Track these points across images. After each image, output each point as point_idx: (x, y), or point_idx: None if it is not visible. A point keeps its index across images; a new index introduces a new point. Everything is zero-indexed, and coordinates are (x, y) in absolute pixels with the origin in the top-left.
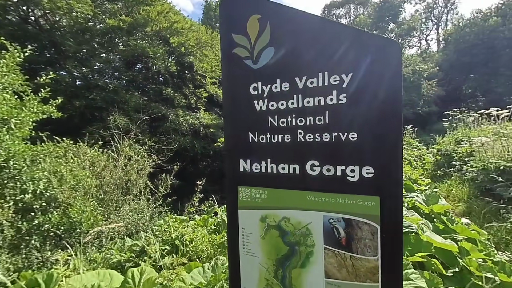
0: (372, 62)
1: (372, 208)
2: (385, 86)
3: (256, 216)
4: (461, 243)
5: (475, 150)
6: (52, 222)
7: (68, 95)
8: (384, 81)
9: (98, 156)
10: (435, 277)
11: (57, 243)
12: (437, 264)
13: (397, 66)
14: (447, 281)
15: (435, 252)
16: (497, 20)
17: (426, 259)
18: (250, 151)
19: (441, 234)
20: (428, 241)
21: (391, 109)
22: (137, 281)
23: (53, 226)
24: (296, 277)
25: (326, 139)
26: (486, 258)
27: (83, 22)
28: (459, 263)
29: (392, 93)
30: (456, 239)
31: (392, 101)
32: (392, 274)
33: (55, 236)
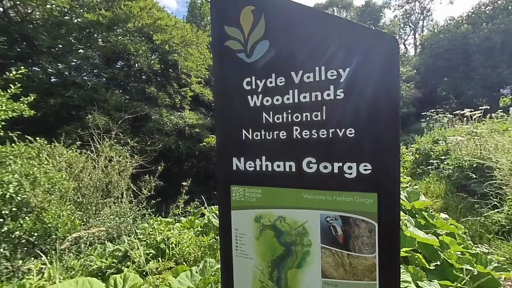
0: (370, 56)
1: (369, 205)
2: (383, 81)
3: (250, 216)
4: (442, 237)
5: (450, 148)
6: (24, 229)
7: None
8: (381, 75)
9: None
10: (419, 271)
11: (29, 251)
12: (421, 258)
13: (394, 60)
14: (430, 274)
15: (418, 247)
16: (468, 28)
17: (410, 254)
18: (243, 148)
19: (422, 229)
20: (411, 236)
21: (388, 104)
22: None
23: (25, 233)
24: (292, 278)
25: (323, 135)
26: (464, 251)
27: (58, 16)
28: (440, 257)
29: (389, 88)
30: (437, 233)
31: (389, 96)
32: (389, 271)
33: (27, 243)
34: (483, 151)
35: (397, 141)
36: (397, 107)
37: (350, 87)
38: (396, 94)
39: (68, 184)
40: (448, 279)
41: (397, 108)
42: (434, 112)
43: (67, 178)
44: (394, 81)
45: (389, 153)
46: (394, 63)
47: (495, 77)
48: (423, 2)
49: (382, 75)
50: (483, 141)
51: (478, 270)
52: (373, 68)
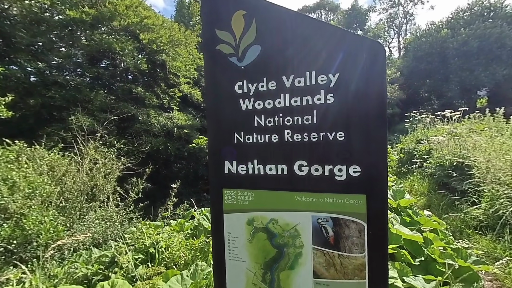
0: (358, 62)
1: (359, 207)
2: (371, 86)
3: (243, 219)
4: (425, 234)
5: (432, 148)
6: (2, 236)
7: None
8: (369, 81)
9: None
10: (404, 267)
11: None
12: (406, 255)
13: (381, 66)
14: (415, 270)
15: (403, 243)
16: (447, 32)
17: (397, 251)
18: (235, 152)
19: (408, 226)
20: (398, 233)
21: (376, 109)
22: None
23: (3, 241)
24: (284, 280)
25: (314, 138)
26: (446, 246)
27: (38, 12)
28: (424, 253)
29: (377, 93)
30: (421, 230)
31: (377, 101)
32: (378, 269)
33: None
34: (462, 150)
35: (384, 144)
36: (384, 111)
37: (340, 91)
38: (383, 99)
39: (50, 188)
40: (432, 274)
41: (384, 112)
42: (417, 113)
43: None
44: (381, 86)
45: (377, 156)
46: (381, 69)
47: (472, 80)
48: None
49: (370, 80)
50: (463, 141)
51: (459, 264)
52: (361, 74)
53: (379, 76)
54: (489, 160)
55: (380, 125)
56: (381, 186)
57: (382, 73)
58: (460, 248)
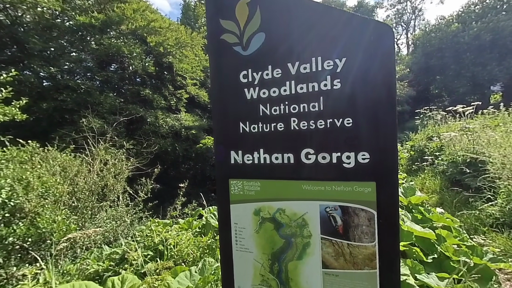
0: (366, 46)
1: (368, 194)
2: (379, 70)
3: (249, 209)
4: (438, 231)
5: (444, 144)
6: (18, 234)
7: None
8: (377, 65)
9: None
10: (417, 264)
11: (23, 257)
12: (418, 252)
13: (390, 49)
14: (428, 267)
15: (415, 241)
16: (458, 26)
17: (408, 248)
18: (241, 141)
19: (419, 223)
20: (409, 230)
21: (385, 93)
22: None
23: (19, 239)
24: (292, 270)
25: (320, 126)
26: (460, 243)
27: (49, 18)
28: (437, 250)
29: (385, 77)
30: (434, 226)
31: (386, 85)
32: (390, 259)
33: (21, 249)
34: (476, 146)
35: (394, 129)
36: (393, 95)
37: (347, 77)
38: (392, 83)
39: (62, 188)
40: (446, 271)
41: (393, 96)
42: (427, 109)
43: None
44: (390, 69)
45: (386, 141)
46: (390, 51)
47: (485, 75)
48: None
49: (378, 63)
50: (476, 136)
51: (474, 262)
52: (369, 57)
53: (388, 58)
54: (505, 156)
55: (389, 110)
56: (391, 173)
57: (391, 55)
58: (475, 246)
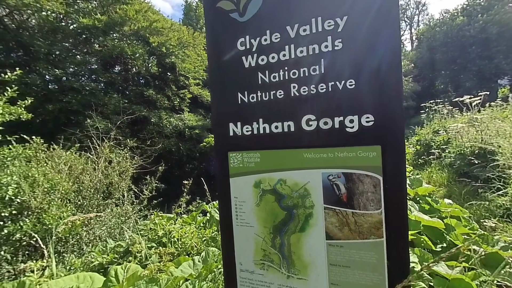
0: (368, 2)
1: (373, 159)
2: (382, 28)
3: (250, 182)
4: (447, 220)
5: (451, 137)
6: (24, 230)
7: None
8: (380, 22)
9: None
10: (425, 253)
11: (30, 253)
12: (427, 241)
13: (393, 5)
14: (436, 256)
15: (423, 230)
16: (463, 20)
17: (416, 237)
18: (240, 112)
19: (427, 214)
20: (416, 219)
21: (389, 51)
22: (121, 279)
23: (25, 235)
24: (295, 243)
25: (322, 90)
26: (470, 232)
27: (54, 22)
28: (446, 239)
29: (389, 35)
30: (442, 216)
31: (390, 43)
32: (397, 226)
33: (28, 245)
34: (484, 137)
35: (400, 88)
36: (398, 53)
37: (349, 36)
38: (397, 40)
39: (68, 185)
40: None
41: (398, 54)
42: (433, 103)
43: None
44: (394, 26)
45: (391, 101)
46: (394, 8)
47: (492, 68)
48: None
49: (382, 21)
50: (484, 127)
51: (485, 250)
52: (371, 15)
53: (391, 15)
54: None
55: (394, 68)
56: (397, 135)
57: (395, 12)
58: (486, 234)
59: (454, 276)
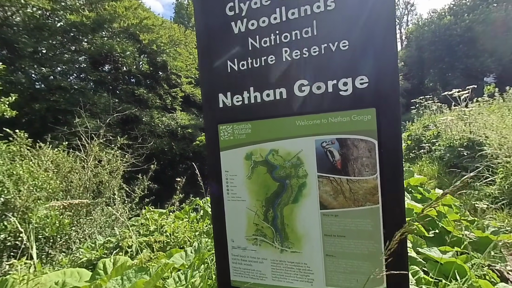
0: None
1: (368, 123)
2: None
3: (241, 154)
4: (439, 208)
5: (441, 131)
6: (9, 230)
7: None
8: None
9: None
10: (418, 239)
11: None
12: (419, 227)
13: None
14: (429, 242)
15: (415, 218)
16: (450, 19)
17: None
18: (229, 82)
19: (419, 202)
20: (409, 207)
21: (383, 10)
22: (110, 271)
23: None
24: (288, 215)
25: (314, 53)
26: (462, 218)
27: (40, 19)
28: (438, 226)
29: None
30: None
31: (383, 1)
32: (393, 192)
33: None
34: (472, 129)
35: (394, 48)
36: (392, 12)
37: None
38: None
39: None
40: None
41: (392, 13)
42: (423, 99)
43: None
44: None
45: (386, 62)
46: None
47: (478, 66)
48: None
49: None
50: (473, 119)
51: (476, 235)
52: None
53: None
54: (503, 137)
55: (388, 28)
56: (392, 97)
57: None
58: (476, 220)
59: (446, 260)
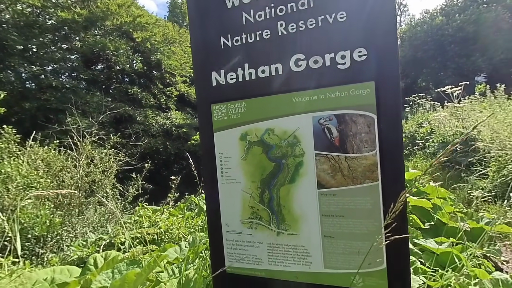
0: None
1: (367, 97)
2: None
3: (235, 135)
4: (434, 200)
5: (434, 128)
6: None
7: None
8: None
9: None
10: (414, 231)
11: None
12: (415, 219)
13: None
14: (425, 233)
15: (412, 210)
16: (442, 19)
17: None
18: (223, 59)
19: (414, 196)
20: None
21: None
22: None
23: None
24: (284, 196)
25: (311, 25)
26: (456, 210)
27: (30, 16)
28: (434, 218)
29: None
30: (429, 198)
31: None
32: (393, 168)
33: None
34: (465, 124)
35: (393, 18)
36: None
37: None
38: None
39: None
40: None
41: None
42: (416, 97)
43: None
44: None
45: (385, 33)
46: None
47: (470, 65)
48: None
49: None
50: (465, 115)
51: (471, 226)
52: None
53: None
54: (494, 132)
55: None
56: (392, 69)
57: None
58: (470, 211)
59: (442, 250)
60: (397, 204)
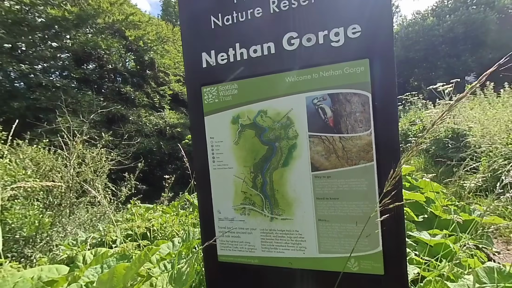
0: None
1: (361, 75)
2: None
3: (227, 118)
4: (427, 194)
5: (426, 125)
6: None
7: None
8: None
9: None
10: (408, 223)
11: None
12: (409, 212)
13: None
14: (419, 226)
15: (405, 203)
16: (433, 20)
17: None
18: (213, 39)
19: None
20: None
21: None
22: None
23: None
24: (278, 180)
25: (304, 2)
26: (449, 203)
27: (18, 13)
28: (427, 211)
29: None
30: (422, 192)
31: None
32: (388, 147)
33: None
34: (456, 120)
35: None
36: None
37: None
38: None
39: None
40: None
41: None
42: (409, 95)
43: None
44: None
45: (379, 8)
46: None
47: (460, 65)
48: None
49: None
50: (456, 111)
51: (463, 218)
52: None
53: None
54: (485, 128)
55: None
56: (386, 45)
57: None
58: (463, 204)
59: (435, 241)
60: (397, 169)
